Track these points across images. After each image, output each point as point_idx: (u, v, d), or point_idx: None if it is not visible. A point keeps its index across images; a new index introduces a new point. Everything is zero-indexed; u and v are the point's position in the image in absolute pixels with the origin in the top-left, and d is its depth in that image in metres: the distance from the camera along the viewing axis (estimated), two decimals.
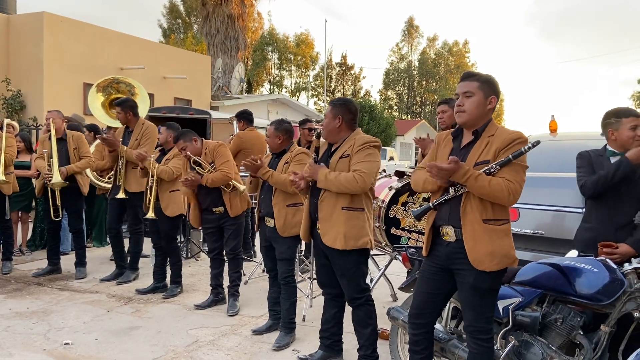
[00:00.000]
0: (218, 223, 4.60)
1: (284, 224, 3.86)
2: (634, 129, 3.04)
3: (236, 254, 4.66)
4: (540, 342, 2.67)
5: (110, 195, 5.56)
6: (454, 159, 2.42)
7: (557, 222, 3.56)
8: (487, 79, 2.58)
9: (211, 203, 4.55)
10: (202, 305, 4.71)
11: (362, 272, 3.32)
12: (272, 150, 4.08)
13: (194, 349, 3.83)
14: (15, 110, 12.84)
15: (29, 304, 4.73)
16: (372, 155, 3.20)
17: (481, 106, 2.54)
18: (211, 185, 4.44)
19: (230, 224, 4.57)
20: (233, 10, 23.83)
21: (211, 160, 4.53)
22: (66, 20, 13.72)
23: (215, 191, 4.52)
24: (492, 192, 2.40)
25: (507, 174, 2.42)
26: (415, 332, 2.72)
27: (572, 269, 2.65)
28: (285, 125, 4.04)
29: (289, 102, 23.49)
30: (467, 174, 2.41)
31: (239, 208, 4.56)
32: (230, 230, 4.58)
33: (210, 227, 4.66)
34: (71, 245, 6.40)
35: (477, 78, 2.58)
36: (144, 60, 14.98)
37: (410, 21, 51.91)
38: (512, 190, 2.40)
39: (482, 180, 2.41)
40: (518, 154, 2.41)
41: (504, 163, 2.42)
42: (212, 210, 4.57)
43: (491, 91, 2.56)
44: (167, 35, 38.62)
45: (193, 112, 9.96)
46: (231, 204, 4.51)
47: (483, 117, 2.56)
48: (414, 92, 52.76)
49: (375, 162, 3.20)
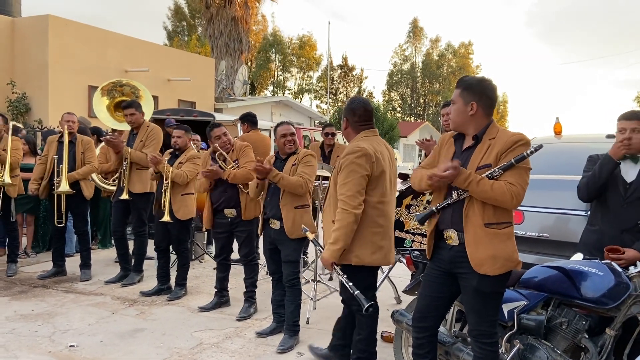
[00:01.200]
0: (229, 228, 4.56)
1: (292, 225, 3.85)
2: (622, 132, 3.04)
3: (250, 260, 4.61)
4: (546, 345, 2.66)
5: (115, 198, 5.58)
6: (453, 165, 2.42)
7: (562, 225, 3.55)
8: (467, 86, 2.57)
9: (224, 202, 4.50)
10: (206, 307, 4.71)
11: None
12: (281, 153, 4.06)
13: (199, 351, 3.83)
14: (21, 113, 12.90)
15: (34, 306, 4.75)
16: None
17: (461, 113, 2.56)
18: (232, 181, 4.39)
19: (242, 230, 4.53)
20: (236, 12, 23.87)
21: (235, 158, 4.52)
22: (71, 23, 13.78)
23: (230, 190, 4.48)
24: (494, 196, 2.40)
25: (509, 177, 2.41)
26: (419, 336, 2.71)
27: (577, 272, 2.65)
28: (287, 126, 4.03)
29: (292, 104, 23.50)
30: (468, 179, 2.42)
31: (252, 212, 4.50)
32: (242, 237, 4.54)
33: (221, 232, 4.62)
34: (76, 247, 6.43)
35: (459, 84, 2.61)
36: (149, 62, 15.03)
37: (415, 22, 51.95)
38: (514, 194, 2.39)
39: (484, 184, 2.40)
40: (520, 158, 2.40)
41: (506, 167, 2.42)
42: (223, 213, 4.54)
43: (470, 97, 2.54)
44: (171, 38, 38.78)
45: (197, 114, 9.99)
46: (246, 206, 4.47)
47: (470, 122, 2.56)
48: (418, 93, 52.73)
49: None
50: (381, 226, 3.05)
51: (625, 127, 3.03)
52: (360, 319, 3.19)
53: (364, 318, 3.14)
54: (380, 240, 3.05)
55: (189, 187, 5.01)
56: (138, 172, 5.34)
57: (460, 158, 2.56)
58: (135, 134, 5.48)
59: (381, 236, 3.05)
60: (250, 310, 4.59)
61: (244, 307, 4.60)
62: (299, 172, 3.86)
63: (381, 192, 3.05)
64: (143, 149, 5.31)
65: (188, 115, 9.63)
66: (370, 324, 3.20)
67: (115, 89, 6.34)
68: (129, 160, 5.32)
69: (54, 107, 12.59)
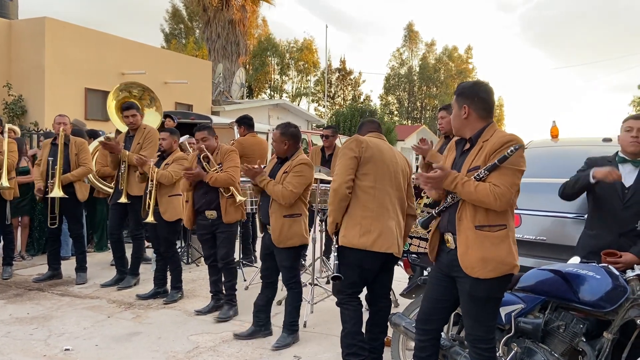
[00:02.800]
0: (211, 229, 4.55)
1: (279, 235, 3.80)
2: (629, 130, 3.09)
3: (227, 262, 4.56)
4: (543, 349, 2.66)
5: (112, 201, 5.56)
6: (439, 166, 2.47)
7: (559, 228, 3.55)
8: (461, 91, 2.63)
9: (205, 204, 4.50)
10: (203, 310, 4.69)
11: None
12: (278, 155, 4.02)
13: (195, 355, 3.81)
14: (17, 115, 12.86)
15: (30, 309, 4.72)
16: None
17: (457, 117, 2.62)
18: (213, 184, 4.40)
19: (222, 231, 4.51)
20: (234, 15, 23.88)
21: (220, 161, 4.52)
22: (68, 25, 13.75)
23: (212, 193, 4.48)
24: (478, 197, 2.40)
25: (494, 178, 2.42)
26: (422, 339, 2.71)
27: (574, 275, 2.65)
28: (291, 130, 3.94)
29: (289, 107, 23.49)
30: (454, 181, 2.44)
31: (232, 216, 4.49)
32: (222, 237, 4.52)
33: (204, 234, 4.63)
34: (72, 250, 6.39)
35: (457, 89, 2.67)
36: (145, 65, 15.00)
37: (410, 27, 52.07)
38: (498, 195, 2.38)
39: (468, 186, 2.42)
40: (502, 159, 2.40)
41: (491, 168, 2.42)
42: (204, 215, 4.53)
43: (463, 101, 2.60)
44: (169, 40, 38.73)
45: (194, 117, 9.99)
46: (226, 209, 4.45)
47: (465, 126, 2.59)
48: (415, 97, 52.81)
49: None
50: (372, 210, 3.16)
51: (633, 125, 3.10)
52: (344, 312, 3.27)
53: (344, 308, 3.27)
54: (369, 224, 3.14)
55: (176, 188, 4.99)
56: (136, 174, 5.32)
57: (458, 161, 2.60)
58: (132, 136, 5.46)
59: (371, 220, 3.14)
60: (230, 313, 4.57)
61: (224, 309, 4.59)
62: (286, 181, 3.77)
63: (373, 178, 3.19)
64: (140, 151, 5.29)
65: (185, 118, 9.62)
66: (354, 315, 3.25)
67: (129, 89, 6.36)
68: (127, 164, 5.30)
69: (50, 109, 12.53)
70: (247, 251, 6.47)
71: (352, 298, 3.26)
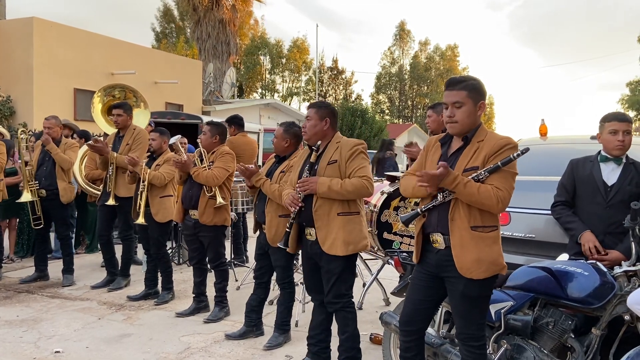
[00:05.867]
0: (194, 230, 4.52)
1: (274, 234, 3.75)
2: (614, 133, 3.07)
3: (217, 265, 4.53)
4: (532, 345, 2.68)
5: (100, 202, 5.52)
6: (444, 165, 2.39)
7: (548, 226, 3.57)
8: (474, 86, 2.53)
9: (189, 201, 4.49)
10: (184, 313, 4.63)
11: (348, 277, 3.29)
12: (276, 152, 3.98)
13: (186, 355, 3.80)
14: (5, 116, 12.75)
15: (19, 311, 4.68)
16: (366, 159, 3.26)
17: (472, 115, 2.52)
18: (195, 179, 4.35)
19: (204, 234, 4.47)
20: (224, 15, 23.78)
21: (212, 160, 4.49)
22: (56, 25, 13.64)
23: (194, 190, 4.45)
24: (480, 199, 2.38)
25: (495, 181, 2.40)
26: (406, 339, 2.70)
27: (563, 272, 2.67)
28: (294, 129, 3.92)
29: (280, 107, 23.48)
30: (456, 181, 2.39)
31: (210, 218, 4.40)
32: (206, 242, 4.50)
33: (188, 234, 4.62)
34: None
35: (465, 86, 2.52)
36: (135, 65, 14.93)
37: (401, 25, 52.16)
38: (500, 198, 2.38)
39: (470, 187, 2.38)
40: (507, 161, 2.39)
41: (492, 170, 2.40)
42: (189, 214, 4.52)
43: (479, 96, 2.52)
44: (159, 39, 38.55)
45: (185, 117, 9.97)
46: (204, 210, 4.38)
47: (474, 124, 2.55)
48: (406, 96, 52.93)
49: (369, 165, 3.28)
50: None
51: (617, 128, 3.05)
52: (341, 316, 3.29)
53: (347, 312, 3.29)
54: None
55: (167, 189, 4.97)
56: (124, 176, 5.28)
57: (447, 161, 2.53)
58: (121, 137, 5.42)
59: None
60: (220, 314, 4.55)
61: (214, 311, 4.57)
62: (282, 181, 3.75)
63: None
64: (130, 152, 5.25)
65: (175, 118, 9.59)
66: (353, 318, 3.31)
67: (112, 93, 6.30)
68: (115, 165, 5.26)
69: (39, 110, 12.44)
70: (238, 251, 6.46)
71: (351, 301, 3.36)
